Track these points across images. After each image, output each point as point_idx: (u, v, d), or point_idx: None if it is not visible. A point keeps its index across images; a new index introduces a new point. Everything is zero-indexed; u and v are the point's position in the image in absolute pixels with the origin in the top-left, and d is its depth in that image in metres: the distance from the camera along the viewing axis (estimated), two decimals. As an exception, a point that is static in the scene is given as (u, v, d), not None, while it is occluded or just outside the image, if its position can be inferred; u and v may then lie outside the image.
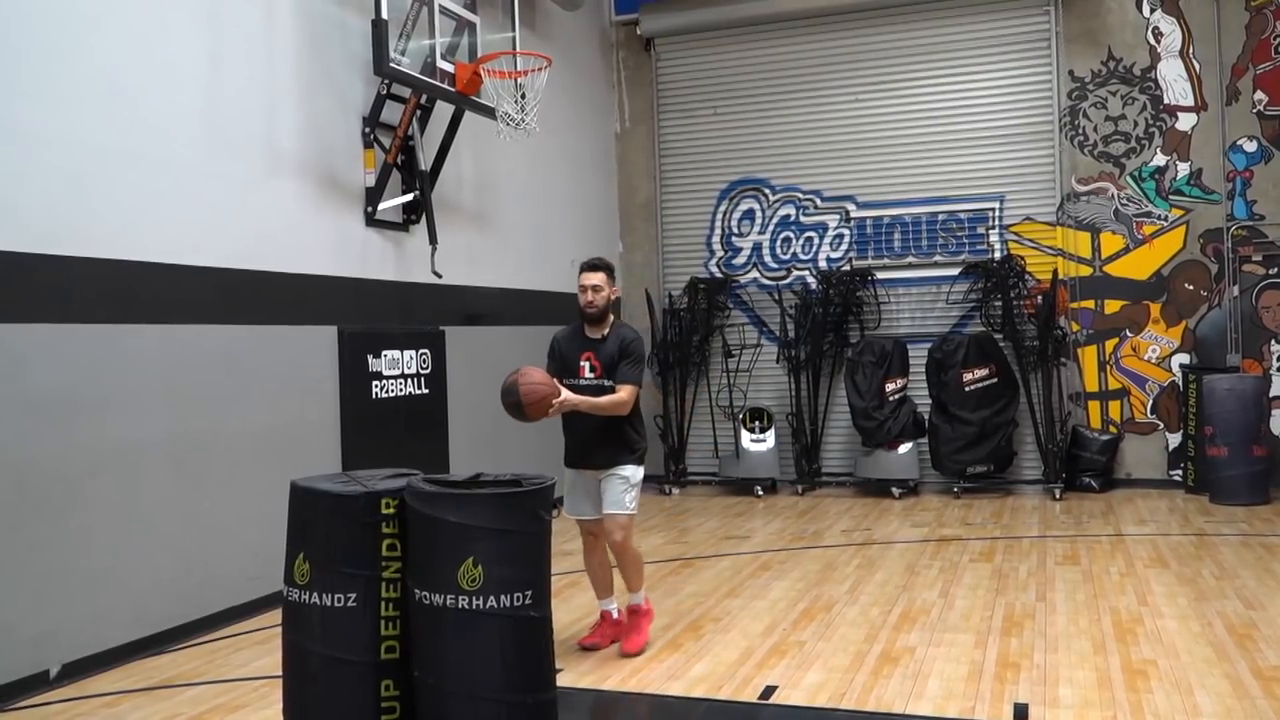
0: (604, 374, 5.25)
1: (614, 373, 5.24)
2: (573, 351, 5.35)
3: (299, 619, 3.59)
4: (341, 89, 7.19)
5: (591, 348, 5.31)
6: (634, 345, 5.30)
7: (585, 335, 5.36)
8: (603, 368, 5.26)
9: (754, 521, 8.94)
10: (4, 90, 4.92)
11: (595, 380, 5.26)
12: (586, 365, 5.29)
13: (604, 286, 5.30)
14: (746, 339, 10.87)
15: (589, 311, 5.32)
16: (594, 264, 5.39)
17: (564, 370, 5.31)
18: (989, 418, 9.62)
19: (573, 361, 5.33)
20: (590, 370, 5.28)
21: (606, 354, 5.27)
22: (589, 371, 5.28)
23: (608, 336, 5.32)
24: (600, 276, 5.31)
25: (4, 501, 4.85)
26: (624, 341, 5.29)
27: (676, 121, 11.26)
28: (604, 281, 5.31)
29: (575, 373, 5.29)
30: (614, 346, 5.28)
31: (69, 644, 5.14)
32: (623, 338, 5.31)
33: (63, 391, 5.14)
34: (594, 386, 5.24)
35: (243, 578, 6.15)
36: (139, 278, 5.57)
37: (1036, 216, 10.15)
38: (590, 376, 5.27)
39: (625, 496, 5.25)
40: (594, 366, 5.28)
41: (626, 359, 5.25)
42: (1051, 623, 5.60)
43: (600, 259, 5.46)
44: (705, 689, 4.76)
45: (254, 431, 6.28)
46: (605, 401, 5.16)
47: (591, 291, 5.30)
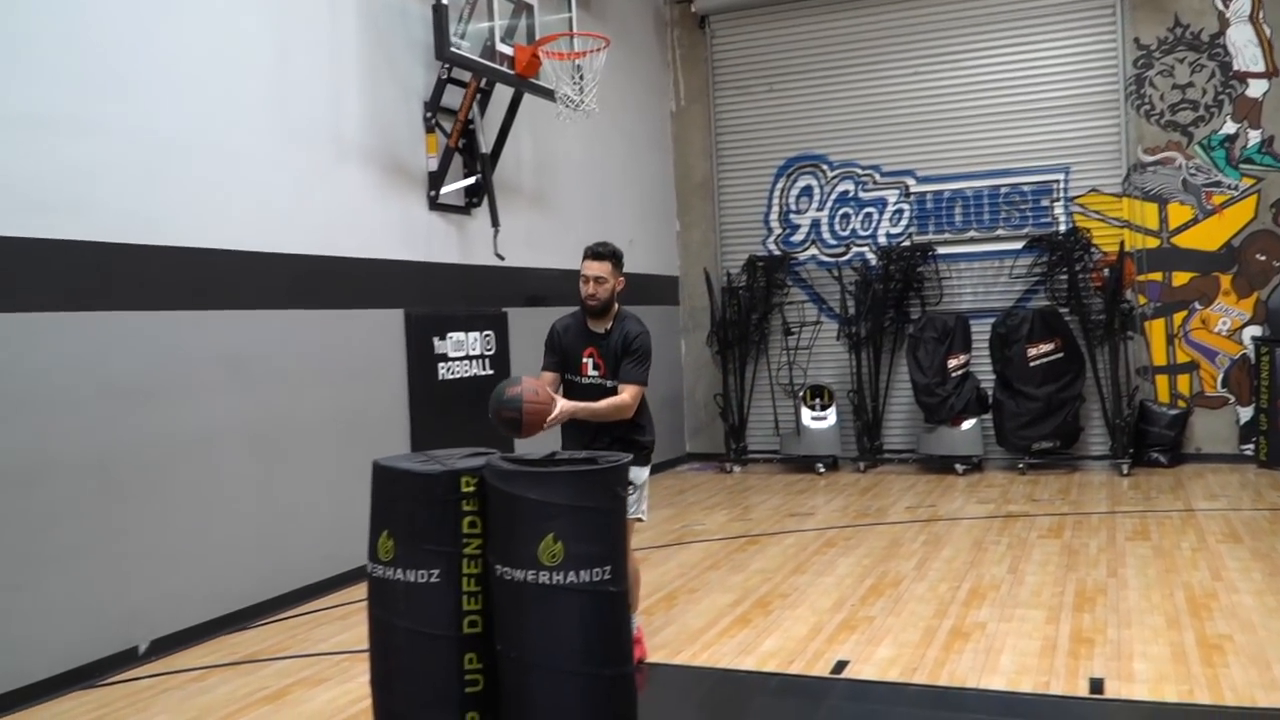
0: (608, 372, 4.75)
1: (613, 370, 4.74)
2: (575, 346, 4.82)
3: (384, 594, 3.67)
4: (403, 75, 7.27)
5: (594, 343, 4.78)
6: (639, 341, 4.74)
7: (588, 328, 4.81)
8: (606, 365, 4.76)
9: (816, 499, 8.95)
10: (81, 85, 5.04)
11: (599, 379, 4.76)
12: (589, 362, 4.79)
13: (608, 277, 4.72)
14: (806, 316, 10.84)
15: (590, 305, 4.74)
16: (597, 251, 4.75)
17: (565, 366, 4.83)
18: (1055, 393, 9.53)
19: (575, 357, 4.81)
20: (594, 368, 4.78)
21: (610, 350, 4.75)
22: (592, 369, 4.78)
23: (611, 331, 4.78)
24: (604, 266, 4.72)
25: (90, 486, 4.99)
26: (628, 337, 4.74)
27: (732, 99, 11.23)
28: (608, 271, 4.72)
29: (578, 370, 4.79)
30: (618, 342, 4.76)
31: (155, 621, 5.29)
32: (626, 333, 4.76)
33: (142, 378, 5.28)
34: (596, 386, 4.75)
35: (317, 556, 6.28)
36: (213, 265, 5.70)
37: (1102, 188, 10.00)
38: (594, 375, 4.78)
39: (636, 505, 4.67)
40: (597, 364, 4.78)
41: (630, 356, 4.71)
42: (1123, 598, 5.56)
43: (604, 245, 4.81)
44: (776, 664, 4.80)
45: (326, 414, 6.40)
46: (605, 406, 4.62)
47: (594, 283, 4.71)
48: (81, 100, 5.04)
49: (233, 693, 4.72)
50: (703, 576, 6.42)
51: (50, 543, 4.80)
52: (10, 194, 4.70)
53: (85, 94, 5.06)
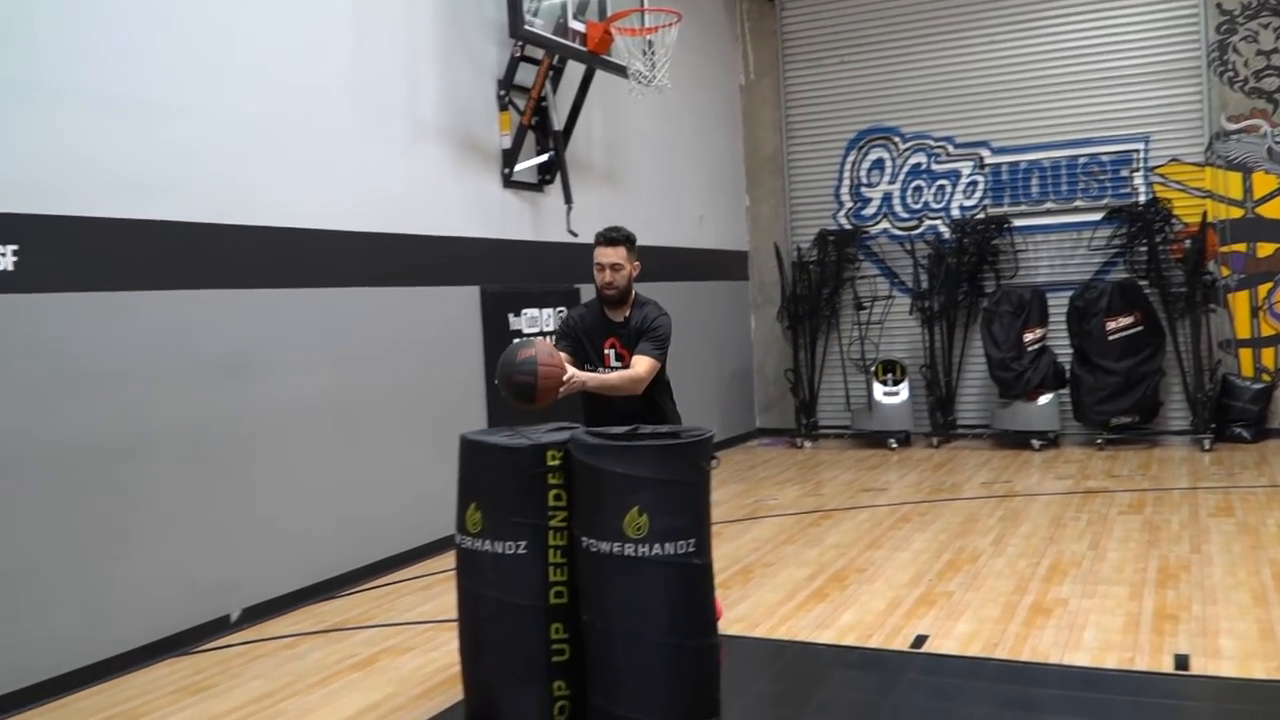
0: (631, 361, 4.53)
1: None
2: (595, 338, 4.64)
3: (472, 564, 3.75)
4: (477, 53, 7.33)
5: (615, 332, 4.60)
6: (658, 322, 4.56)
7: (607, 318, 4.62)
8: (630, 353, 4.56)
9: (889, 474, 8.92)
10: (168, 68, 5.16)
11: (623, 369, 4.54)
12: (612, 353, 4.61)
13: (624, 264, 4.51)
14: (878, 290, 10.77)
15: (608, 293, 4.54)
16: (610, 237, 4.56)
17: (585, 358, 4.62)
18: (1134, 367, 9.37)
19: (596, 349, 4.63)
20: (616, 358, 4.60)
21: (631, 336, 4.58)
22: (615, 360, 4.61)
23: (630, 317, 4.59)
24: (619, 251, 4.51)
25: (183, 459, 5.15)
26: (647, 319, 4.56)
27: (802, 72, 11.15)
28: (624, 257, 4.51)
29: (600, 361, 4.61)
30: (638, 326, 4.58)
31: (246, 591, 5.45)
32: (646, 315, 4.58)
33: (232, 354, 5.42)
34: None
35: (399, 528, 6.41)
36: (297, 244, 5.82)
37: (1184, 157, 9.78)
38: (617, 365, 4.59)
39: None
40: (620, 354, 4.59)
41: (648, 335, 4.52)
42: (1208, 575, 5.48)
43: (617, 230, 4.59)
44: (855, 638, 4.81)
45: (405, 390, 6.51)
46: (617, 378, 4.39)
47: (610, 270, 4.51)
48: (174, 84, 5.17)
49: (323, 659, 4.86)
50: (777, 551, 6.45)
51: (146, 515, 4.96)
52: (107, 175, 4.84)
53: (177, 78, 5.19)
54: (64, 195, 4.64)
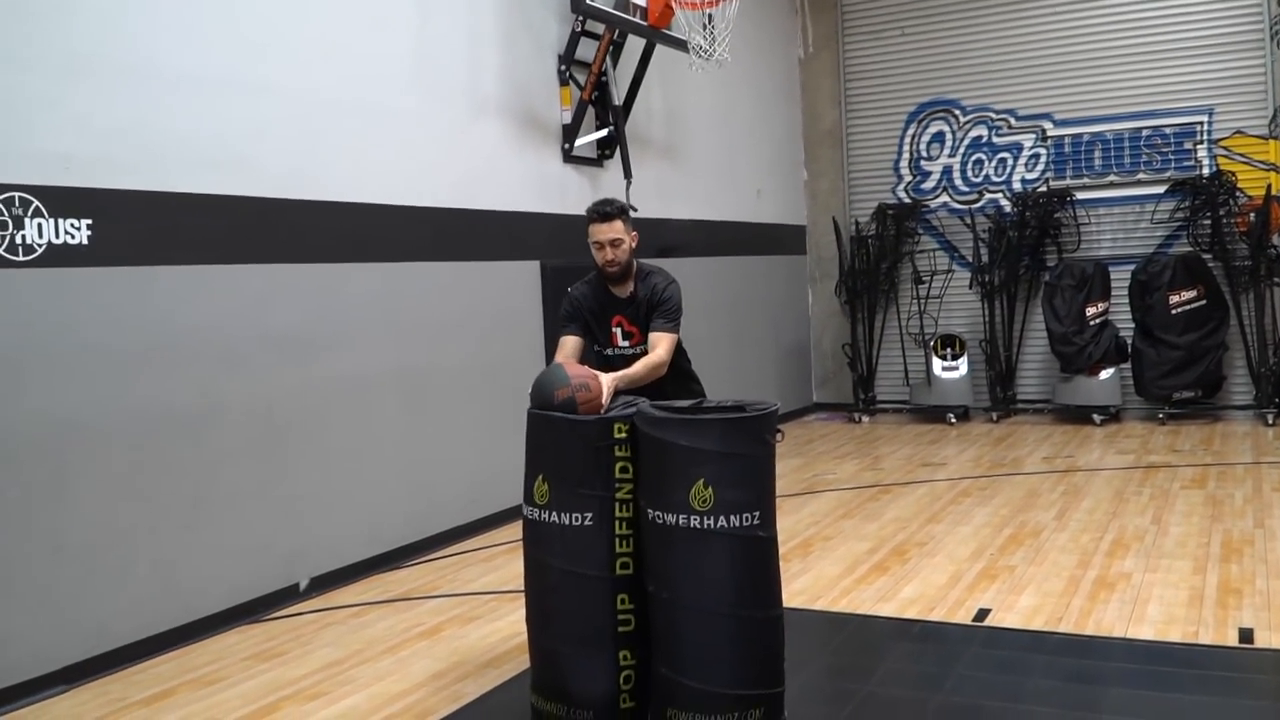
0: (642, 338, 4.39)
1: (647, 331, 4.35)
2: (601, 316, 4.45)
3: (539, 535, 3.81)
4: (537, 29, 7.37)
5: (621, 309, 4.41)
6: (668, 292, 4.34)
7: (611, 295, 4.42)
8: (639, 329, 4.40)
9: (948, 449, 8.89)
10: (242, 46, 5.26)
11: (630, 348, 4.42)
12: (619, 331, 4.45)
13: (623, 237, 4.30)
14: (937, 265, 10.68)
15: (610, 271, 4.33)
16: (605, 212, 4.32)
17: (591, 336, 4.46)
18: (1197, 341, 9.25)
19: (603, 329, 4.46)
20: (624, 336, 4.45)
21: (639, 311, 4.39)
22: (622, 339, 4.45)
23: (636, 291, 4.39)
24: (617, 226, 4.29)
25: (257, 431, 5.28)
26: (655, 291, 4.34)
27: (862, 44, 11.06)
28: (622, 231, 4.30)
29: (607, 341, 4.45)
30: (646, 299, 4.37)
31: (315, 560, 5.58)
32: (654, 287, 4.35)
33: (301, 328, 5.54)
34: (628, 357, 4.38)
35: (463, 500, 6.52)
36: (364, 219, 5.92)
37: (1248, 130, 9.59)
38: (625, 344, 4.44)
39: None
40: (628, 331, 4.43)
41: (659, 310, 4.32)
42: (1272, 549, 5.44)
43: (609, 203, 4.38)
44: (917, 610, 4.84)
45: (469, 364, 6.61)
46: (640, 370, 4.18)
47: (610, 248, 4.29)
48: (244, 60, 5.27)
49: (391, 628, 4.97)
50: (837, 525, 6.47)
51: (218, 486, 5.10)
52: (179, 150, 4.95)
53: (247, 54, 5.29)
54: (137, 170, 4.75)
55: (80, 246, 4.50)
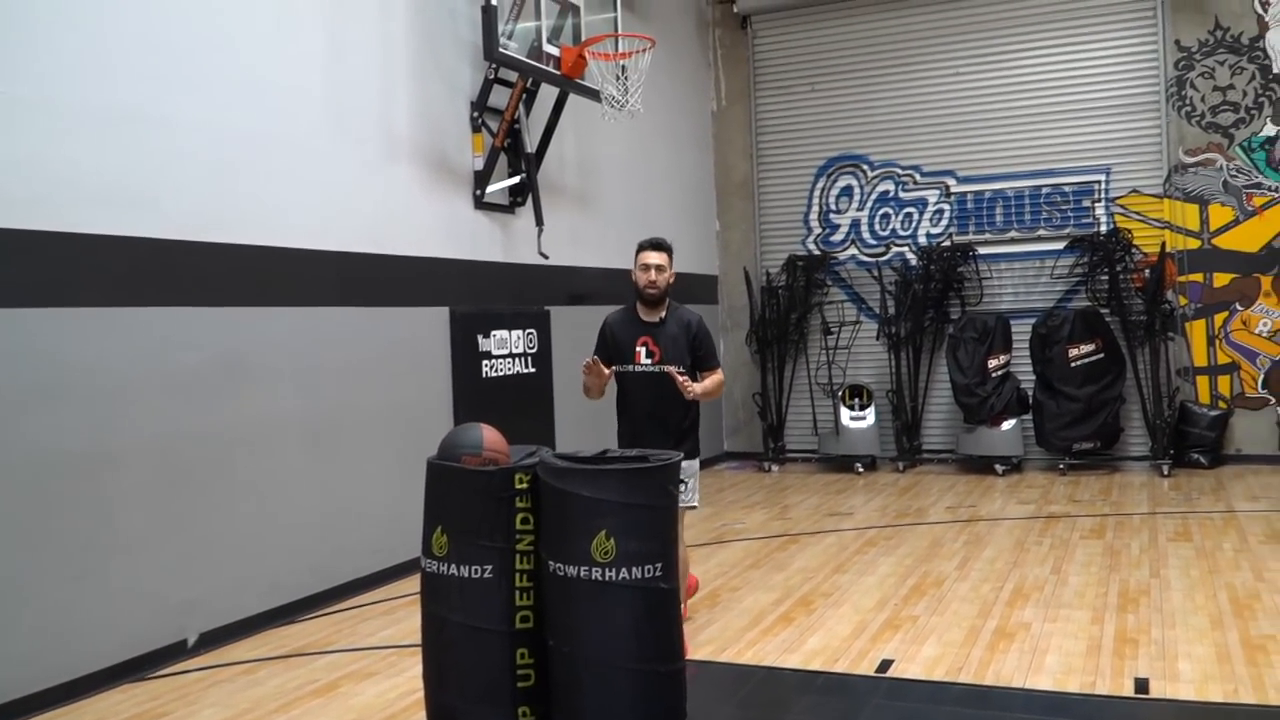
0: (662, 358, 5.02)
1: (675, 357, 5.03)
2: (628, 336, 5.11)
3: (437, 589, 3.74)
4: (451, 74, 7.35)
5: (649, 332, 5.09)
6: (703, 328, 5.17)
7: (641, 319, 5.13)
8: (661, 352, 5.04)
9: (855, 498, 8.97)
10: (150, 80, 5.15)
11: (653, 366, 5.03)
12: (643, 351, 5.07)
13: (666, 267, 5.08)
14: (845, 316, 10.85)
15: (649, 293, 5.07)
16: (656, 243, 5.13)
17: (617, 356, 5.10)
18: (1095, 393, 9.49)
19: (627, 347, 5.09)
20: (647, 355, 5.05)
21: (668, 337, 5.06)
22: (645, 357, 5.06)
23: (666, 319, 5.11)
24: (662, 256, 5.08)
25: (150, 476, 5.10)
26: (691, 327, 5.12)
27: (773, 99, 11.25)
28: (666, 261, 5.08)
29: (630, 358, 5.07)
30: (676, 330, 5.08)
31: (208, 613, 5.39)
32: (688, 322, 5.13)
33: (204, 371, 5.39)
34: (648, 374, 5.03)
35: (367, 550, 6.38)
36: (273, 262, 5.81)
37: (1143, 189, 9.96)
38: (647, 363, 5.05)
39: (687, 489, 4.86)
40: (651, 351, 5.06)
41: (704, 347, 5.13)
42: (1167, 599, 5.56)
43: (662, 238, 5.22)
44: (821, 662, 4.83)
45: (375, 410, 6.49)
46: (712, 384, 5.14)
47: (655, 271, 5.06)
48: (153, 96, 5.16)
49: (282, 686, 4.81)
50: (744, 575, 6.46)
51: (111, 534, 4.91)
52: (85, 188, 4.83)
53: (157, 91, 5.18)
54: (33, 208, 4.60)
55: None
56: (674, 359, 5.02)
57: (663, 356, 5.01)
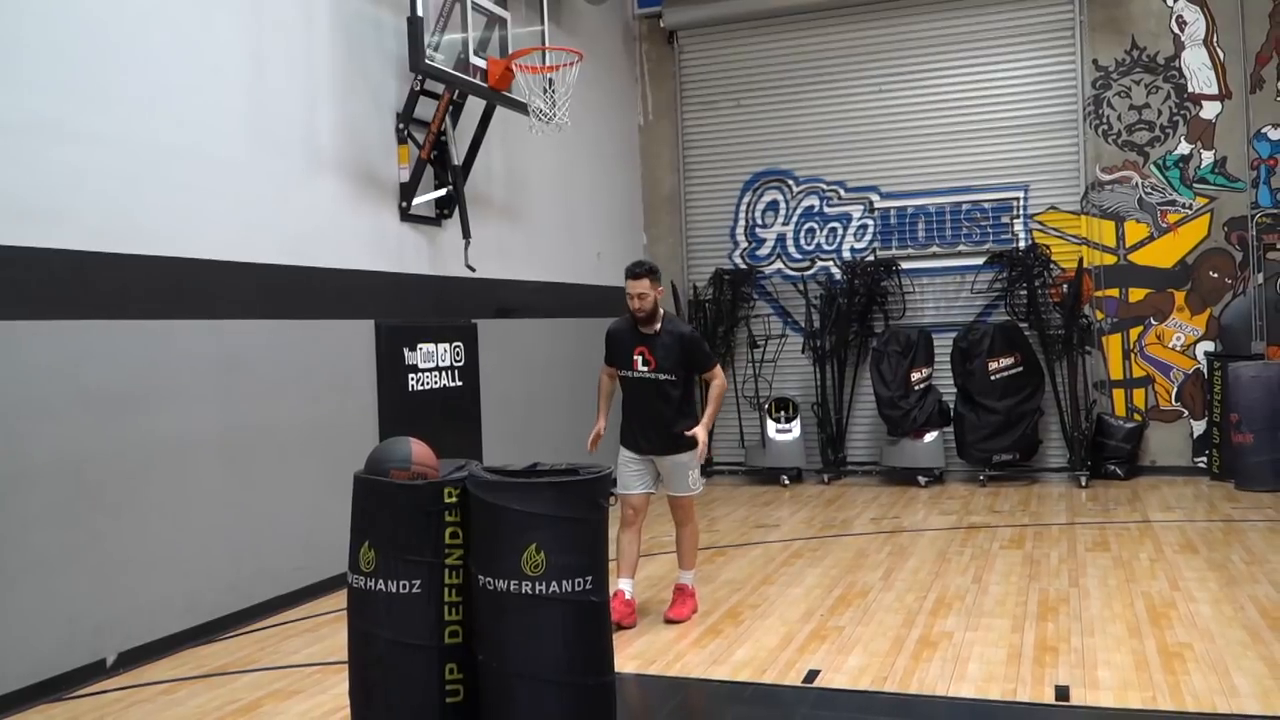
0: (658, 367, 5.65)
1: (669, 365, 5.64)
2: (627, 344, 5.76)
3: (364, 605, 3.69)
4: (376, 86, 7.29)
5: (645, 342, 5.70)
6: (696, 338, 5.83)
7: (639, 331, 5.74)
8: (657, 361, 5.66)
9: (782, 510, 9.04)
10: (61, 91, 5.03)
11: (648, 373, 5.68)
12: (639, 359, 5.69)
13: (649, 292, 5.67)
14: (771, 329, 10.95)
15: (638, 315, 5.71)
16: (635, 272, 5.73)
17: (617, 362, 5.80)
18: (1014, 406, 9.70)
19: (626, 355, 5.74)
20: (644, 364, 5.69)
21: (662, 347, 5.67)
22: (641, 365, 5.69)
23: (660, 332, 5.70)
24: (644, 283, 5.68)
25: (63, 495, 4.97)
26: (684, 338, 5.72)
27: (699, 114, 11.34)
28: (649, 287, 5.67)
29: (629, 365, 5.72)
30: (670, 341, 5.68)
31: (126, 633, 5.26)
32: (681, 334, 5.74)
33: (118, 387, 5.26)
34: (646, 379, 5.68)
35: (288, 567, 6.27)
36: (190, 274, 5.70)
37: (1061, 206, 10.20)
38: (644, 369, 5.69)
39: (689, 479, 5.80)
40: (647, 360, 5.69)
41: (698, 353, 5.75)
42: (1086, 607, 5.68)
43: (643, 264, 5.80)
44: (749, 673, 4.86)
45: (298, 424, 6.39)
46: (715, 397, 5.77)
47: (638, 299, 5.69)
48: (64, 108, 5.04)
49: (203, 705, 4.71)
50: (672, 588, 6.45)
51: (24, 552, 4.77)
52: (-11, 201, 4.68)
53: (66, 102, 5.06)
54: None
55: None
56: (668, 365, 5.65)
57: (658, 364, 5.65)
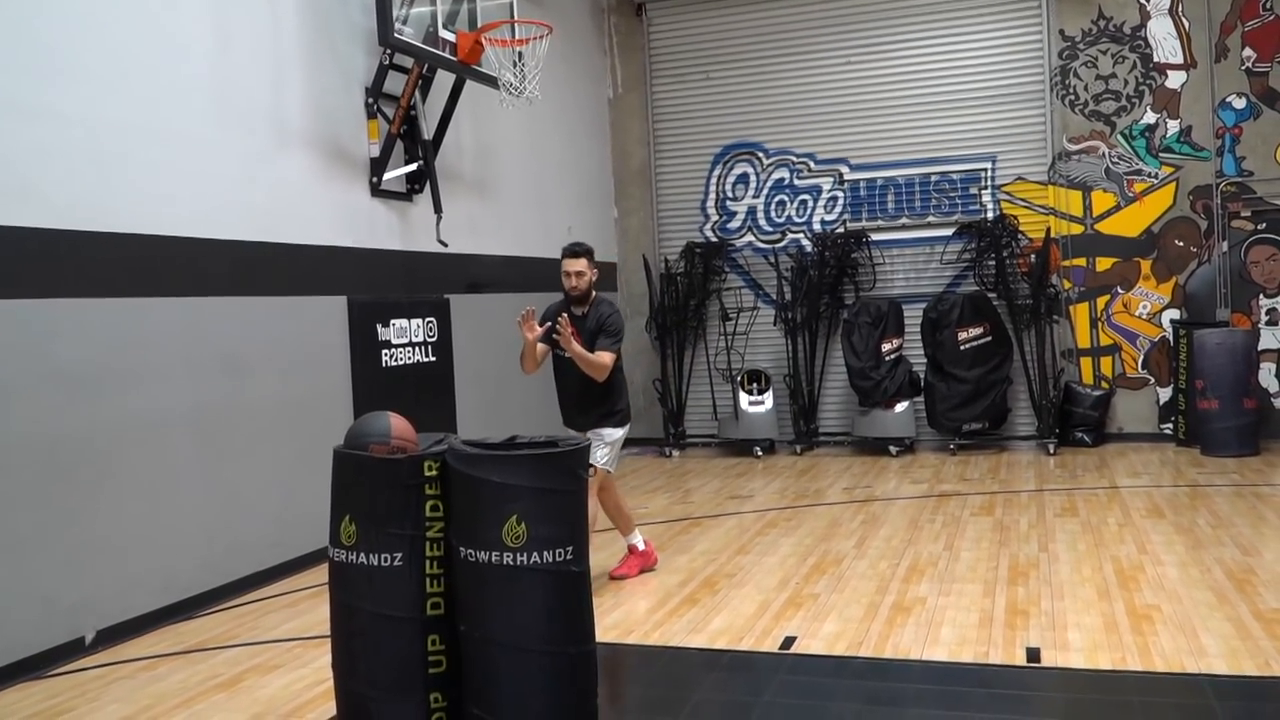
0: (587, 348, 5.75)
1: (593, 346, 5.76)
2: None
3: (346, 578, 3.71)
4: (344, 61, 7.24)
5: (575, 323, 5.77)
6: (611, 320, 5.84)
7: (570, 311, 5.84)
8: (583, 341, 5.74)
9: (755, 481, 9.11)
10: (24, 70, 4.97)
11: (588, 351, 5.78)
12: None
13: (586, 271, 5.85)
14: (743, 302, 10.99)
15: (573, 294, 5.88)
16: (574, 250, 5.89)
17: (551, 341, 5.83)
18: (984, 375, 9.80)
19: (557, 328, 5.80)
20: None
21: (587, 330, 5.81)
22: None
23: (588, 314, 5.87)
24: (582, 262, 5.86)
25: (36, 474, 4.94)
26: (601, 318, 5.84)
27: (669, 87, 11.32)
28: (585, 266, 5.85)
29: (559, 345, 5.80)
30: (593, 324, 5.84)
31: (103, 611, 5.26)
32: (600, 314, 5.86)
33: (89, 365, 5.23)
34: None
35: (264, 544, 6.28)
36: (159, 251, 5.66)
37: (1028, 176, 10.28)
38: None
39: (599, 454, 5.71)
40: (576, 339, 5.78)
41: (604, 333, 5.79)
42: (1055, 572, 5.78)
43: (580, 245, 5.94)
44: (727, 641, 4.92)
45: (271, 401, 6.38)
46: (591, 356, 5.69)
47: (575, 277, 5.86)
48: (29, 86, 4.98)
49: (184, 681, 4.72)
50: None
51: (-3, 533, 4.75)
52: (-48, 180, 4.63)
53: (31, 80, 4.99)
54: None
55: None
56: (590, 347, 5.73)
57: (583, 344, 5.70)
